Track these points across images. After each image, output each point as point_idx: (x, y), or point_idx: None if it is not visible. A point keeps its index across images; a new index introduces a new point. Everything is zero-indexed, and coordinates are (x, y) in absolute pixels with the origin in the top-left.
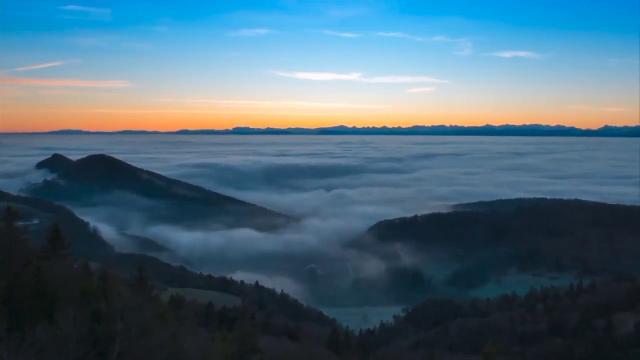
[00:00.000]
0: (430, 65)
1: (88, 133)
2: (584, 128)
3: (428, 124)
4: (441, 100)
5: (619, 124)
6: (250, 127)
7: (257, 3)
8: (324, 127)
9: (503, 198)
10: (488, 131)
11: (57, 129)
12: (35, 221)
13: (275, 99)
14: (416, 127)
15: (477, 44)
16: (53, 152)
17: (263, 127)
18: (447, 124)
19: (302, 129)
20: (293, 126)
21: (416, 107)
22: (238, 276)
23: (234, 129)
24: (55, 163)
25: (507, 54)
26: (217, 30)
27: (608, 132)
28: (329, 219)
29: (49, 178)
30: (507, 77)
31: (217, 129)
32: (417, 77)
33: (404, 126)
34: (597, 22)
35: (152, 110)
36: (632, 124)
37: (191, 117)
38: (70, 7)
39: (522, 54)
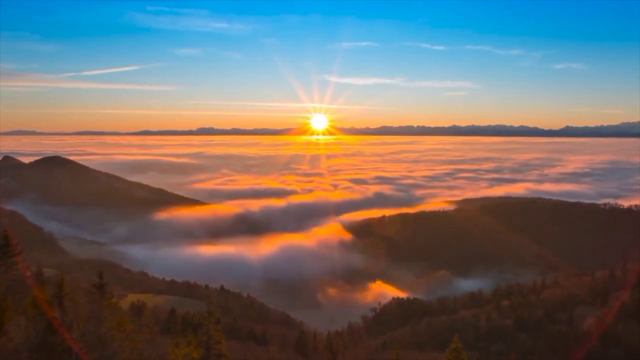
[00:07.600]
0: (478, 72)
1: (43, 133)
2: (546, 128)
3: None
4: (461, 103)
5: (580, 124)
6: (215, 127)
7: (370, 16)
8: (287, 127)
9: (468, 197)
10: (454, 131)
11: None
12: None
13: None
14: (384, 127)
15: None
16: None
17: (228, 127)
18: (415, 124)
19: (267, 129)
20: (259, 127)
21: (424, 108)
22: (202, 280)
23: (198, 129)
24: (5, 165)
25: (560, 66)
26: (318, 42)
27: (569, 132)
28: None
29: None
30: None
31: (179, 129)
32: (456, 81)
33: (371, 127)
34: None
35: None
36: (591, 124)
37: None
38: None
39: (574, 65)
